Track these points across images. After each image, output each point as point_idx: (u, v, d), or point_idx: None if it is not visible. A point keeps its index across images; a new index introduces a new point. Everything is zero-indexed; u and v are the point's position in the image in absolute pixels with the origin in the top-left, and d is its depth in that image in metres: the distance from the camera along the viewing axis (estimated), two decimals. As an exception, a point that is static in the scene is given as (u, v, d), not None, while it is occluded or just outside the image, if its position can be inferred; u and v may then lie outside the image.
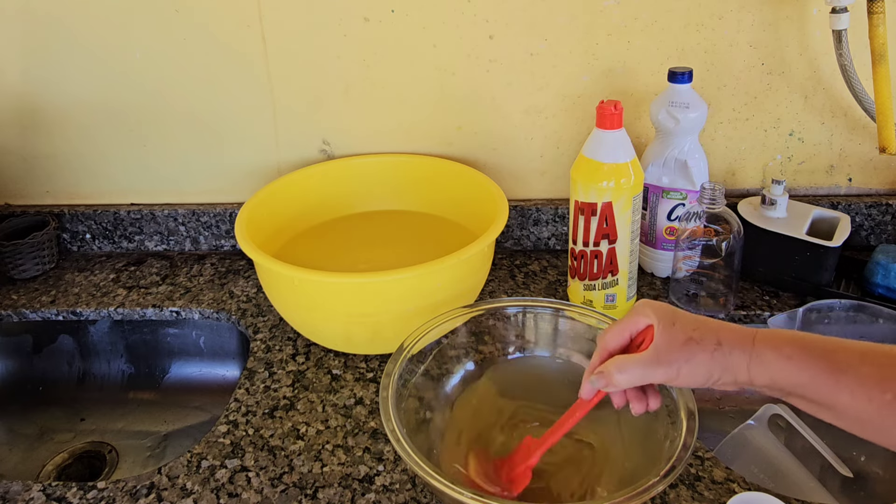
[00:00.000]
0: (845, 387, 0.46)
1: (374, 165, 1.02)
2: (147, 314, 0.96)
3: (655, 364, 0.52)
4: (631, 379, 0.54)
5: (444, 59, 0.95)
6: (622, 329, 0.56)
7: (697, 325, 0.52)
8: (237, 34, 0.95)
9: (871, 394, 0.45)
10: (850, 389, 0.46)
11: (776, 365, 0.49)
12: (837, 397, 0.47)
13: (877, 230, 1.00)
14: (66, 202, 1.08)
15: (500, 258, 1.03)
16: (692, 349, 0.51)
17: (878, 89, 0.87)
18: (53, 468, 0.90)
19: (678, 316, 0.54)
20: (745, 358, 0.50)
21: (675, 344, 0.52)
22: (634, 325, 0.55)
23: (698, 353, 0.51)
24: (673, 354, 0.52)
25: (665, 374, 0.52)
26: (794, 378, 0.48)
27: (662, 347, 0.52)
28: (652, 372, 0.52)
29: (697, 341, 0.51)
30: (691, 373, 0.51)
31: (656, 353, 0.52)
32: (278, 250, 0.94)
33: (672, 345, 0.52)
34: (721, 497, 0.64)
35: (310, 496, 0.66)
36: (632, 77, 0.95)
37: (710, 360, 0.51)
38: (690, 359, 0.51)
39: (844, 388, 0.46)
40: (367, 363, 0.83)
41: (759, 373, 0.49)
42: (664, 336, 0.52)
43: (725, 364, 0.50)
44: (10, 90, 1.00)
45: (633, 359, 0.53)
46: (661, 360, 0.52)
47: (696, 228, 0.85)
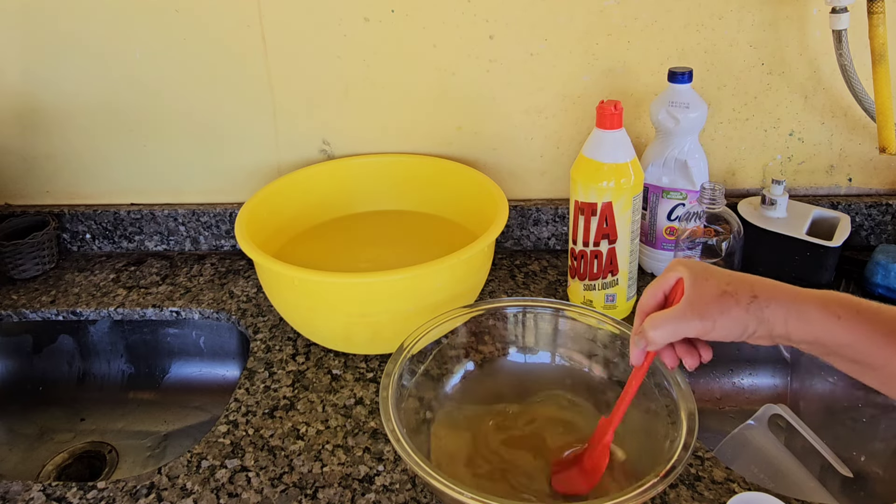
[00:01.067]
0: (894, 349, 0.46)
1: (374, 165, 1.02)
2: (147, 314, 0.96)
3: (689, 316, 0.51)
4: (665, 334, 0.53)
5: (444, 59, 0.95)
6: (656, 288, 0.56)
7: (732, 280, 0.52)
8: (237, 34, 0.95)
9: None
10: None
11: (821, 323, 0.48)
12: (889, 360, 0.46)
13: (877, 230, 1.00)
14: (66, 202, 1.08)
15: (500, 258, 1.03)
16: (726, 302, 0.51)
17: (878, 89, 0.87)
18: (53, 468, 0.90)
19: (712, 271, 0.53)
20: (783, 312, 0.49)
21: (708, 296, 0.51)
22: (666, 282, 0.55)
23: (733, 307, 0.50)
24: (707, 307, 0.51)
25: (700, 327, 0.51)
26: (842, 338, 0.48)
27: (695, 300, 0.52)
28: (686, 325, 0.52)
29: (732, 294, 0.51)
30: (726, 325, 0.51)
31: (689, 305, 0.52)
32: (278, 250, 0.94)
33: (705, 297, 0.51)
34: (721, 497, 0.64)
35: (310, 496, 0.66)
36: (632, 77, 0.95)
37: (744, 314, 0.50)
38: (725, 311, 0.50)
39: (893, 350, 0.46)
40: (367, 363, 0.83)
41: (799, 328, 0.49)
42: (696, 289, 0.52)
43: (761, 317, 0.50)
44: (10, 90, 1.00)
45: (666, 313, 0.53)
46: (695, 313, 0.51)
47: (696, 228, 0.85)
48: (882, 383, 0.48)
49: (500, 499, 0.53)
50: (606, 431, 0.62)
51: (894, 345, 0.46)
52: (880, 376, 0.48)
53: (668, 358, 0.56)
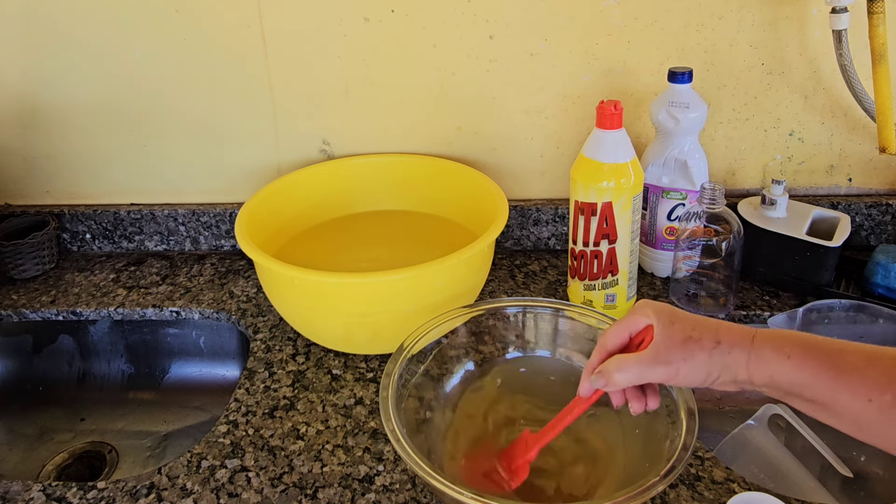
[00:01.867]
0: (845, 386, 0.46)
1: (374, 165, 1.02)
2: (147, 314, 0.96)
3: (654, 363, 0.52)
4: (630, 378, 0.54)
5: (444, 59, 0.95)
6: (622, 329, 0.56)
7: (696, 325, 0.52)
8: (237, 34, 0.95)
9: (871, 394, 0.45)
10: (850, 389, 0.46)
11: (775, 363, 0.49)
12: (837, 397, 0.46)
13: (877, 230, 1.00)
14: (66, 202, 1.08)
15: (500, 258, 1.03)
16: (691, 348, 0.51)
17: (878, 89, 0.87)
18: (53, 468, 0.90)
19: (677, 315, 0.54)
20: (745, 356, 0.50)
21: (674, 343, 0.52)
22: (634, 325, 0.55)
23: (697, 353, 0.51)
24: (672, 353, 0.52)
25: (664, 373, 0.52)
26: (793, 377, 0.48)
27: (661, 346, 0.52)
28: (650, 371, 0.53)
29: (696, 340, 0.51)
30: (690, 372, 0.51)
31: (655, 352, 0.52)
32: (278, 250, 0.94)
33: (671, 344, 0.52)
34: (721, 497, 0.64)
35: (310, 496, 0.66)
36: (632, 77, 0.96)
37: (708, 360, 0.51)
38: (689, 358, 0.51)
39: (844, 388, 0.46)
40: (367, 363, 0.83)
41: (758, 371, 0.49)
42: (663, 335, 0.52)
43: (724, 363, 0.50)
44: (10, 90, 1.00)
45: (632, 358, 0.53)
46: (660, 359, 0.52)
47: (696, 228, 0.85)
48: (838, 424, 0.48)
49: (500, 499, 0.53)
50: (531, 448, 0.62)
51: (838, 380, 0.47)
52: (831, 414, 0.48)
53: (616, 398, 0.57)
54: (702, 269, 0.87)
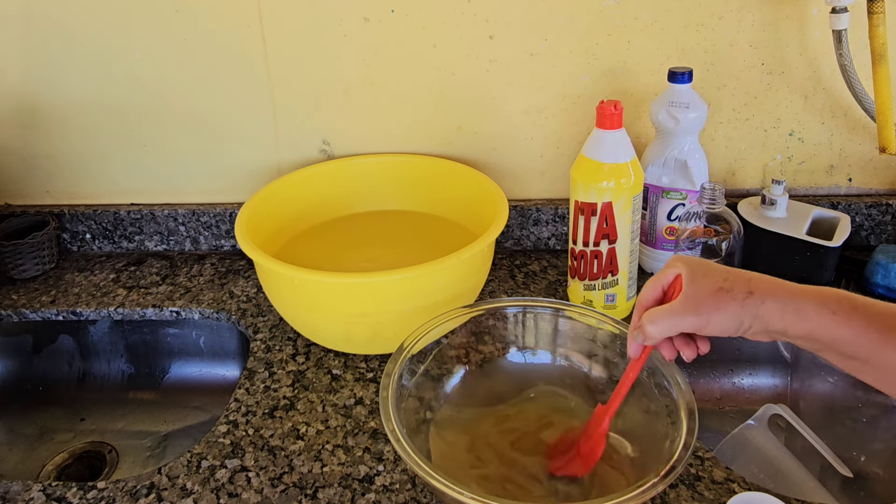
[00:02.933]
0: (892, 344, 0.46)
1: (374, 165, 1.02)
2: (147, 314, 0.96)
3: (684, 312, 0.52)
4: (662, 329, 0.54)
5: (444, 59, 0.95)
6: (655, 283, 0.56)
7: (729, 276, 0.52)
8: (237, 34, 0.95)
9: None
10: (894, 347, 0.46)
11: (818, 319, 0.48)
12: (884, 356, 0.46)
13: (877, 230, 1.00)
14: (66, 202, 1.08)
15: (500, 258, 1.03)
16: (722, 298, 0.51)
17: (878, 89, 0.87)
18: (53, 468, 0.90)
19: (710, 268, 0.54)
20: (779, 307, 0.50)
21: (704, 292, 0.52)
22: (665, 278, 0.56)
23: (729, 303, 0.51)
24: (702, 303, 0.52)
25: (695, 322, 0.52)
26: (836, 333, 0.48)
27: (692, 296, 0.52)
28: (681, 320, 0.53)
29: (728, 290, 0.51)
30: (721, 321, 0.51)
31: (685, 301, 0.52)
32: (278, 250, 0.94)
33: (701, 293, 0.52)
34: (721, 497, 0.64)
35: (310, 496, 0.66)
36: (632, 77, 0.95)
37: (740, 309, 0.51)
38: (721, 307, 0.51)
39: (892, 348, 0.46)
40: (367, 363, 0.83)
41: (795, 323, 0.49)
42: (693, 285, 0.53)
43: (756, 313, 0.50)
44: (10, 90, 1.00)
45: (663, 309, 0.54)
46: (691, 309, 0.52)
47: (696, 228, 0.85)
48: (877, 379, 0.48)
49: (499, 499, 0.53)
50: (602, 419, 0.62)
51: (889, 341, 0.46)
52: (875, 373, 0.48)
53: (667, 350, 0.57)
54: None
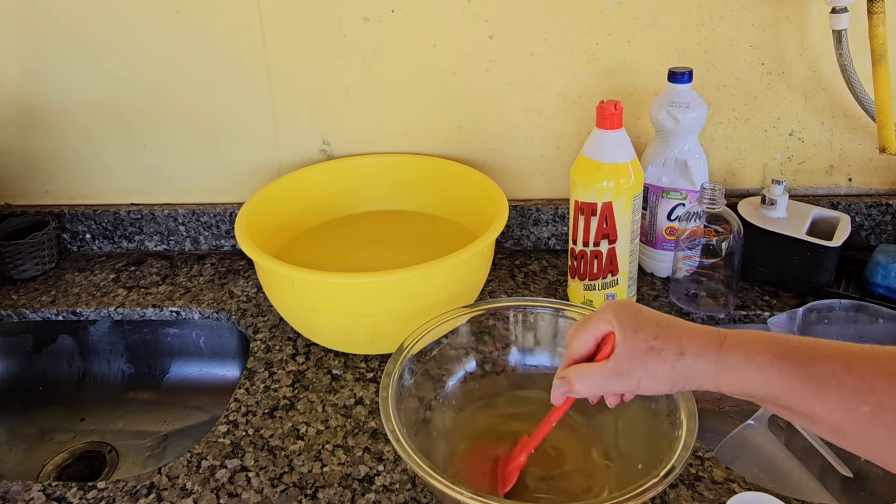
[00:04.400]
0: (821, 398, 0.44)
1: (374, 165, 1.02)
2: (147, 314, 0.96)
3: (615, 375, 0.51)
4: (591, 389, 0.53)
5: (444, 59, 0.95)
6: (586, 336, 0.54)
7: (660, 333, 0.50)
8: (237, 34, 0.95)
9: (848, 405, 0.43)
10: (825, 401, 0.44)
11: (746, 374, 0.47)
12: (813, 408, 0.44)
13: (877, 230, 1.00)
14: (66, 202, 1.08)
15: (500, 258, 1.03)
16: (653, 359, 0.49)
17: (878, 89, 0.87)
18: (53, 468, 0.90)
19: (640, 320, 0.51)
20: (711, 367, 0.48)
21: (636, 354, 0.50)
22: (597, 330, 0.54)
23: (659, 365, 0.49)
24: (633, 365, 0.50)
25: (625, 385, 0.51)
26: (767, 388, 0.46)
27: (623, 357, 0.50)
28: (611, 383, 0.51)
29: (658, 351, 0.49)
30: (652, 384, 0.50)
31: (617, 363, 0.51)
32: (278, 250, 0.94)
33: (633, 355, 0.50)
34: (721, 497, 0.64)
35: (310, 496, 0.66)
36: (632, 77, 0.95)
37: (671, 371, 0.49)
38: (651, 371, 0.49)
39: (820, 400, 0.44)
40: (367, 363, 0.83)
41: (728, 381, 0.48)
42: (625, 345, 0.51)
43: (688, 374, 0.49)
44: (10, 90, 1.00)
45: (594, 369, 0.52)
46: (622, 372, 0.50)
47: (696, 228, 0.85)
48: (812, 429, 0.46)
49: (500, 499, 0.53)
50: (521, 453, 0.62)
51: (814, 391, 0.44)
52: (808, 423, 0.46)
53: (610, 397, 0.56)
54: (702, 269, 0.87)
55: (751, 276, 0.93)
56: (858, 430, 0.43)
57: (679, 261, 0.88)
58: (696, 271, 0.88)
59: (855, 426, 0.43)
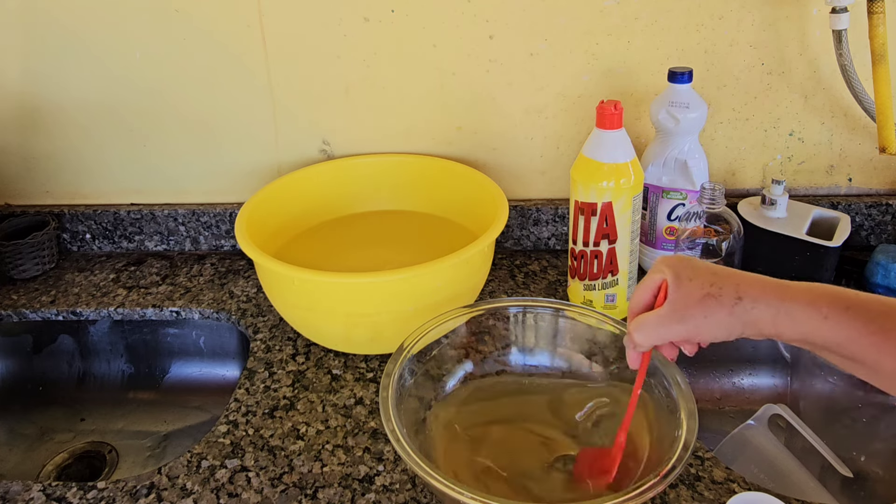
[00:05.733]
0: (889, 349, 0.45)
1: (374, 165, 1.02)
2: (147, 314, 0.96)
3: (671, 321, 0.51)
4: (650, 338, 0.53)
5: (444, 59, 0.95)
6: (643, 289, 0.55)
7: (716, 280, 0.50)
8: (237, 34, 0.95)
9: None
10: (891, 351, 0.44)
11: (810, 322, 0.47)
12: (880, 359, 0.45)
13: (877, 230, 1.00)
14: (66, 202, 1.08)
15: (500, 258, 1.03)
16: (710, 305, 0.50)
17: (878, 89, 0.87)
18: (53, 468, 0.90)
19: (696, 269, 0.52)
20: (771, 312, 0.48)
21: (691, 299, 0.50)
22: (652, 282, 0.54)
23: (717, 310, 0.49)
24: (689, 310, 0.50)
25: (683, 331, 0.51)
26: (831, 336, 0.46)
27: (679, 303, 0.51)
28: (669, 329, 0.51)
29: (715, 297, 0.49)
30: (710, 329, 0.50)
31: (673, 309, 0.51)
32: (278, 250, 0.94)
33: (688, 300, 0.50)
34: (721, 497, 0.64)
35: (310, 496, 0.66)
36: (632, 77, 0.95)
37: (729, 316, 0.49)
38: (708, 315, 0.50)
39: (887, 351, 0.45)
40: (367, 363, 0.83)
41: (787, 327, 0.48)
42: (679, 291, 0.51)
43: (746, 319, 0.49)
44: (10, 90, 1.00)
45: (650, 317, 0.52)
46: (678, 317, 0.51)
47: (696, 228, 0.85)
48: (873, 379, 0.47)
49: (499, 499, 0.53)
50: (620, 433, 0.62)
51: (883, 343, 0.45)
52: (871, 373, 0.47)
53: (666, 351, 0.56)
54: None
55: (751, 276, 0.93)
56: None
57: (679, 261, 0.88)
58: (696, 271, 0.88)
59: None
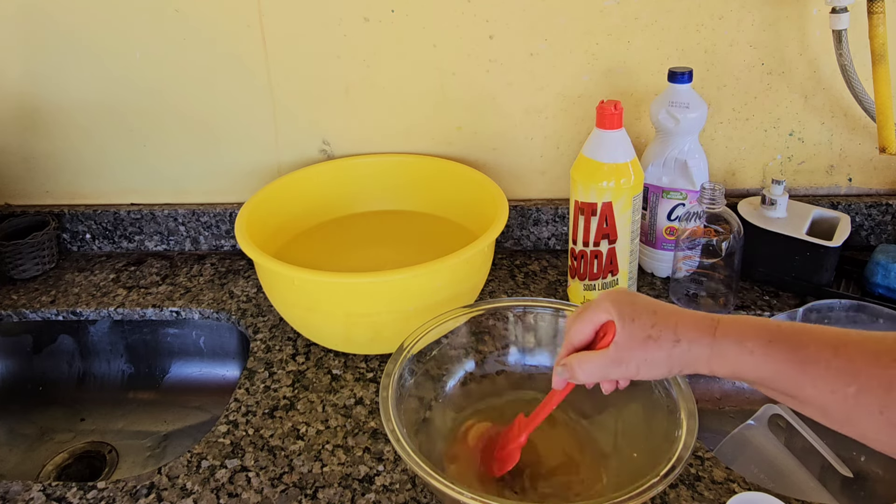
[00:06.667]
0: (809, 379, 0.46)
1: (374, 165, 1.02)
2: (147, 314, 0.96)
3: (615, 363, 0.53)
4: (592, 376, 0.55)
5: (444, 59, 0.95)
6: (585, 324, 0.56)
7: (656, 321, 0.52)
8: (237, 34, 0.95)
9: (834, 386, 0.45)
10: (813, 382, 0.46)
11: (739, 358, 0.49)
12: (802, 389, 0.47)
13: (877, 230, 1.00)
14: (66, 202, 1.08)
15: (500, 258, 1.03)
16: (650, 347, 0.52)
17: (878, 89, 0.87)
18: (53, 468, 0.90)
19: (637, 309, 0.54)
20: (706, 352, 0.50)
21: (634, 343, 0.52)
22: (596, 319, 0.56)
23: (657, 352, 0.52)
24: (632, 353, 0.52)
25: (624, 372, 0.53)
26: (758, 371, 0.48)
27: (623, 346, 0.53)
28: (611, 370, 0.54)
29: (655, 339, 0.52)
30: (650, 370, 0.52)
31: (617, 351, 0.53)
32: (278, 250, 0.94)
33: (632, 344, 0.52)
34: (721, 497, 0.64)
35: (310, 496, 0.66)
36: (632, 77, 0.96)
37: (668, 358, 0.51)
38: (648, 358, 0.52)
39: (808, 381, 0.46)
40: (367, 363, 0.83)
41: (721, 365, 0.50)
42: (623, 333, 0.53)
43: (684, 360, 0.51)
44: (10, 90, 1.00)
45: (595, 357, 0.55)
46: (621, 359, 0.53)
47: (696, 228, 0.85)
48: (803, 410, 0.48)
49: (500, 499, 0.53)
50: (521, 433, 0.63)
51: (803, 373, 0.46)
52: (799, 404, 0.48)
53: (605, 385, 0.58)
54: (702, 269, 0.87)
55: (751, 276, 0.93)
56: (843, 412, 0.45)
57: (679, 261, 0.88)
58: (696, 271, 0.88)
59: (840, 406, 0.45)
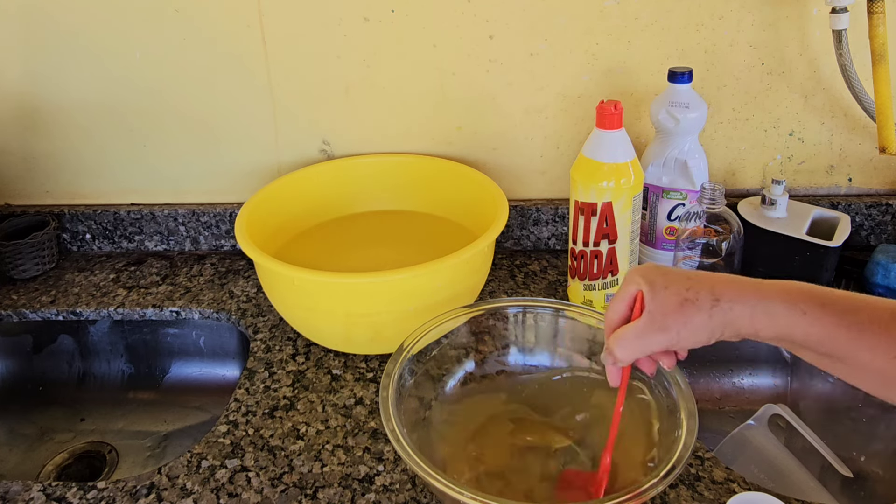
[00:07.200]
0: (866, 344, 0.44)
1: (374, 165, 1.02)
2: (147, 314, 0.96)
3: (652, 331, 0.50)
4: (631, 352, 0.52)
5: (444, 59, 0.95)
6: (618, 301, 0.54)
7: (692, 284, 0.50)
8: (237, 34, 0.95)
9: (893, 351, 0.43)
10: (870, 346, 0.44)
11: (789, 319, 0.47)
12: (857, 353, 0.45)
13: (877, 230, 1.00)
14: (66, 202, 1.08)
15: (500, 258, 1.03)
16: (688, 311, 0.49)
17: (878, 89, 0.87)
18: (53, 468, 0.90)
19: (669, 277, 0.51)
20: (748, 311, 0.48)
21: (669, 307, 0.50)
22: (627, 293, 0.53)
23: (695, 315, 0.49)
24: (668, 318, 0.50)
25: (665, 340, 0.50)
26: (808, 333, 0.46)
27: (657, 312, 0.50)
28: (650, 340, 0.51)
29: (693, 301, 0.49)
30: (691, 335, 0.50)
31: (651, 319, 0.50)
32: (278, 250, 0.94)
33: (666, 308, 0.50)
34: (721, 497, 0.64)
35: (310, 496, 0.66)
36: (632, 77, 0.95)
37: (709, 319, 0.49)
38: (688, 321, 0.49)
39: (865, 345, 0.45)
40: (367, 363, 0.83)
41: (765, 325, 0.48)
42: (656, 301, 0.50)
43: (725, 320, 0.49)
44: (10, 90, 1.00)
45: (629, 330, 0.52)
46: (657, 326, 0.50)
47: (696, 228, 0.85)
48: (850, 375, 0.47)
49: (500, 499, 0.53)
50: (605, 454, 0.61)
51: (859, 338, 0.45)
52: (848, 369, 0.46)
53: (645, 366, 0.56)
54: (702, 270, 0.87)
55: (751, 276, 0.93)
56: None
57: (679, 261, 0.88)
58: (696, 271, 0.88)
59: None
